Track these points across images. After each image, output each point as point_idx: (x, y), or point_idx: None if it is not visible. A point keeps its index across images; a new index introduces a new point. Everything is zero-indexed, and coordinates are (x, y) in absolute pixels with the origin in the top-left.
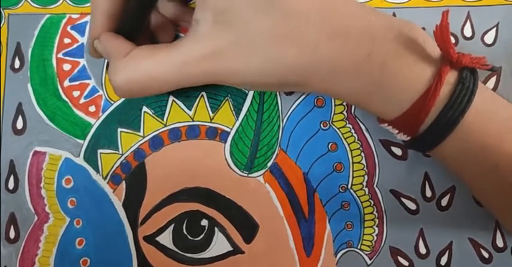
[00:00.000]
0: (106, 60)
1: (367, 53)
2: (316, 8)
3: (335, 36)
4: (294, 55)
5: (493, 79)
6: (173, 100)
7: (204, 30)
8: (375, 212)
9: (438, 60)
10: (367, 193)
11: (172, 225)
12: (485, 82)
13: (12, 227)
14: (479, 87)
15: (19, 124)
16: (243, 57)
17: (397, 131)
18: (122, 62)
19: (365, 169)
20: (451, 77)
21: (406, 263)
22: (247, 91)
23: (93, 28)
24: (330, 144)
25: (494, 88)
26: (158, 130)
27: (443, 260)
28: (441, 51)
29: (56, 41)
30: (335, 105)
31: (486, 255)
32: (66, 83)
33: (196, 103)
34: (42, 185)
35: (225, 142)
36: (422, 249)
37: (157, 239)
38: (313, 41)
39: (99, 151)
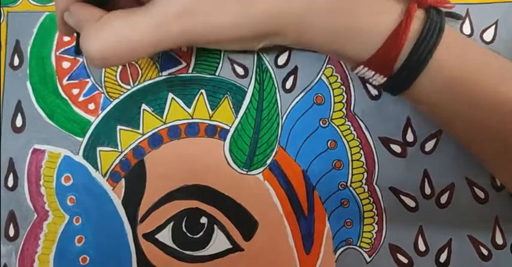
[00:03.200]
0: (76, 33)
1: None
2: None
3: None
4: (266, 2)
5: None
6: (172, 97)
7: None
8: (374, 210)
9: (405, 0)
10: (366, 190)
11: (172, 223)
12: None
13: (11, 225)
14: (447, 27)
15: (18, 122)
16: (216, 10)
17: (373, 72)
18: (94, 28)
19: (364, 166)
20: (419, 14)
21: (405, 260)
22: (246, 89)
23: (59, 1)
24: (329, 142)
25: None
26: (157, 127)
27: (443, 257)
28: None
29: (55, 39)
30: (334, 103)
31: (485, 252)
32: (66, 81)
33: (195, 101)
34: (41, 182)
35: (225, 139)
36: (422, 247)
37: (157, 236)
38: None
39: (99, 148)
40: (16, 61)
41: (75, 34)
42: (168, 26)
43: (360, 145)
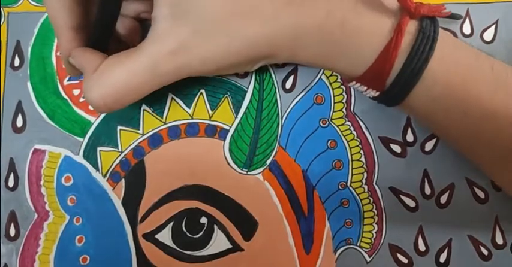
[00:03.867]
0: None
1: (326, 13)
2: None
3: (291, 1)
4: (256, 29)
5: None
6: (172, 98)
7: (164, 27)
8: (374, 210)
9: (398, 12)
10: (366, 190)
11: (172, 223)
12: None
13: (12, 225)
14: (441, 35)
15: (19, 122)
16: (207, 43)
17: (365, 88)
18: (92, 79)
19: (364, 166)
20: (411, 27)
21: (405, 260)
22: (246, 89)
23: (62, 45)
24: (329, 142)
25: None
26: (157, 127)
27: (443, 257)
28: (398, 2)
29: (56, 39)
30: (334, 103)
31: (485, 252)
32: (66, 81)
33: (195, 101)
34: (42, 183)
35: (224, 139)
36: (422, 247)
37: (157, 236)
38: (271, 11)
39: (99, 148)
40: (17, 62)
41: None
42: (163, 66)
43: (359, 145)
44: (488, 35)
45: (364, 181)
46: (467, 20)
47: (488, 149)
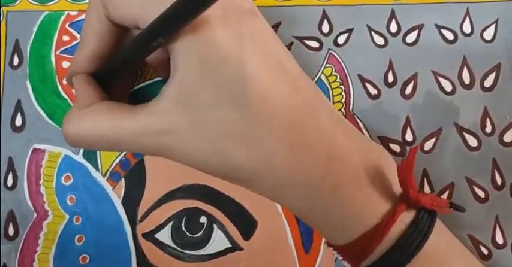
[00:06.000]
0: None
1: (322, 173)
2: (282, 119)
3: (295, 148)
4: (246, 157)
5: (492, 76)
6: None
7: (165, 106)
8: None
9: (397, 196)
10: None
11: (171, 222)
12: (484, 79)
13: (11, 224)
14: (436, 230)
15: (18, 122)
16: (195, 142)
17: (341, 257)
18: (78, 114)
19: None
20: (406, 217)
21: None
22: None
23: (76, 64)
24: None
25: (494, 85)
26: None
27: None
28: (401, 187)
29: (55, 38)
30: (333, 102)
31: (485, 251)
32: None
33: None
34: (41, 182)
35: None
36: None
37: (156, 236)
38: (270, 149)
39: None
40: (16, 61)
41: None
42: (144, 139)
43: None
44: (488, 34)
45: None
46: (467, 19)
47: None
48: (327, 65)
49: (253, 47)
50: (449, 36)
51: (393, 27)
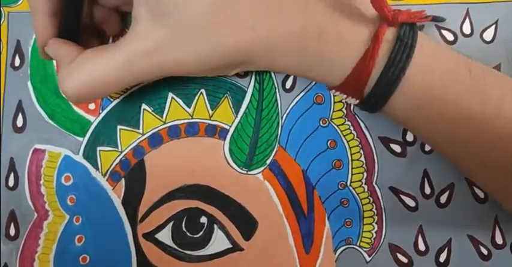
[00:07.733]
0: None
1: (302, 25)
2: None
3: (270, 13)
4: (233, 38)
5: None
6: (172, 97)
7: (142, 27)
8: (374, 209)
9: (376, 20)
10: (366, 190)
11: (172, 223)
12: None
13: (12, 224)
14: (420, 41)
15: (19, 122)
16: (183, 46)
17: (345, 96)
18: (68, 69)
19: (364, 166)
20: (389, 35)
21: (405, 260)
22: (246, 89)
23: (39, 32)
24: (329, 141)
25: None
26: (157, 127)
27: (443, 257)
28: (376, 10)
29: None
30: (334, 102)
31: (485, 252)
32: None
33: (195, 101)
34: (41, 182)
35: (224, 139)
36: (422, 246)
37: (157, 236)
38: (250, 21)
39: (99, 148)
40: (17, 62)
41: None
42: (138, 64)
43: (359, 145)
44: (488, 35)
45: (364, 180)
46: (467, 20)
47: (470, 156)
48: None
49: None
50: (449, 36)
51: None
